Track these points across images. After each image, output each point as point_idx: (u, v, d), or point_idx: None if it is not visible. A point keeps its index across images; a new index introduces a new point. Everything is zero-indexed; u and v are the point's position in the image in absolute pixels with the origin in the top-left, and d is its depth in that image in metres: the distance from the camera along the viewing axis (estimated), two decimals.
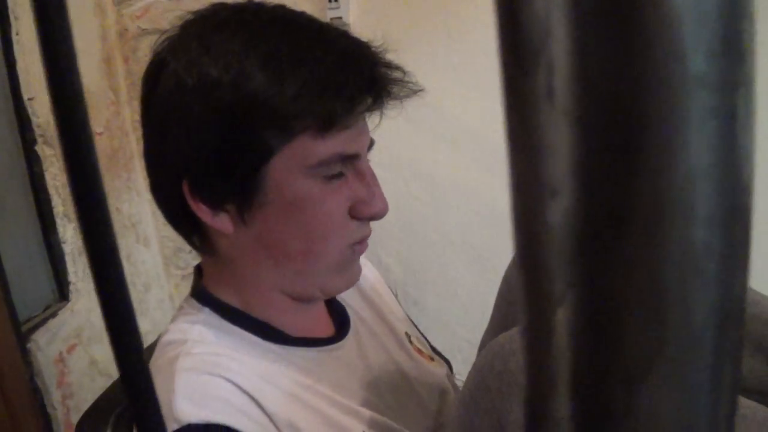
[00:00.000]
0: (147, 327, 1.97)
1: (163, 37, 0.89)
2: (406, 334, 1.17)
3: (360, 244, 0.94)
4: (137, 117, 1.94)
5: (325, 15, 1.88)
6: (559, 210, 0.22)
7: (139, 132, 1.82)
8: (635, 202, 0.22)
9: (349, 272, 0.96)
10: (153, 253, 2.00)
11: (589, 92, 0.21)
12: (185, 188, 0.86)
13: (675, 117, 0.20)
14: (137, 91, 1.47)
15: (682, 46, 0.20)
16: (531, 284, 0.25)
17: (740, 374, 0.27)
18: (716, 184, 0.22)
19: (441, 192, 1.95)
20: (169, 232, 1.99)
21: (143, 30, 1.94)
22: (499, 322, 1.13)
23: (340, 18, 1.89)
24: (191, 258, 2.02)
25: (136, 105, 1.93)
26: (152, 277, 1.98)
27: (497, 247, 1.93)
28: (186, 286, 2.07)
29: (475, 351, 1.23)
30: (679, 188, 0.22)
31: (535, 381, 0.27)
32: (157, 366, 0.88)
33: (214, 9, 0.88)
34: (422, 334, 1.25)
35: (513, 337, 0.84)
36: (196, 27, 0.87)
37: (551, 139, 0.22)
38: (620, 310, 0.23)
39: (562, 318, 0.24)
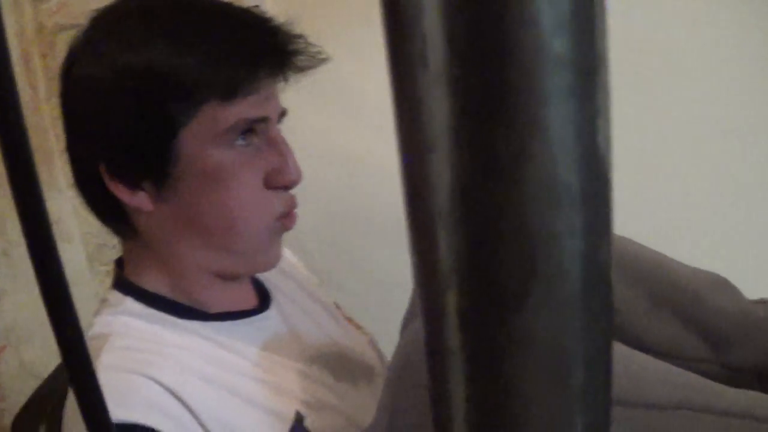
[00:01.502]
0: None
1: (76, 34, 0.92)
2: (335, 303, 1.20)
3: (287, 218, 0.96)
4: (56, 114, 1.92)
5: (243, 1, 1.88)
6: (436, 163, 0.26)
7: (59, 129, 1.80)
8: (500, 155, 0.25)
9: (273, 249, 0.97)
10: (76, 251, 1.98)
11: (458, 60, 0.24)
12: (103, 171, 0.89)
13: (527, 81, 0.24)
14: (55, 87, 1.46)
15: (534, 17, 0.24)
16: (418, 229, 0.29)
17: (612, 302, 0.31)
18: (576, 134, 0.26)
19: (359, 174, 1.96)
20: (92, 228, 1.99)
21: (60, 26, 1.92)
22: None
23: (258, 6, 1.89)
24: (115, 254, 2.00)
25: (55, 102, 1.90)
26: (77, 275, 1.96)
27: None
28: (109, 282, 2.07)
29: (393, 332, 1.26)
30: (539, 140, 0.26)
31: (429, 316, 0.31)
32: None
33: (118, 1, 0.92)
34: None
35: None
36: (102, 20, 0.91)
37: (427, 101, 0.25)
38: (494, 244, 0.27)
39: (445, 255, 0.28)
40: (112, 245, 2.01)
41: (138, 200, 0.90)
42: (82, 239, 2.02)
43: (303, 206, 0.99)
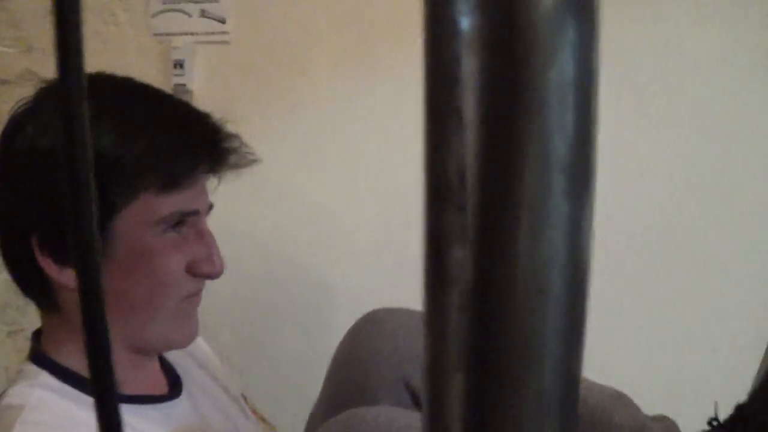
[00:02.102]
0: None
1: (21, 103, 0.94)
2: (242, 395, 1.20)
3: (194, 297, 0.99)
4: None
5: (170, 80, 1.90)
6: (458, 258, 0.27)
7: None
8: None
9: (189, 325, 1.00)
10: None
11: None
12: (34, 243, 0.90)
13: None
14: None
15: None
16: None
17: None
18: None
19: (271, 260, 1.99)
20: None
21: None
22: (329, 399, 1.18)
23: (184, 85, 1.92)
24: (18, 315, 1.96)
25: None
26: None
27: (325, 320, 1.97)
28: (12, 344, 2.00)
29: (299, 424, 1.25)
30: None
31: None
32: None
33: None
34: None
35: (348, 420, 0.92)
36: (50, 95, 0.94)
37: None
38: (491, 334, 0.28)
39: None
40: (15, 306, 1.96)
41: (65, 277, 0.91)
42: None
43: (211, 289, 1.02)
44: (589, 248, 0.30)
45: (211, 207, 1.00)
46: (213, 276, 0.98)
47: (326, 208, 1.93)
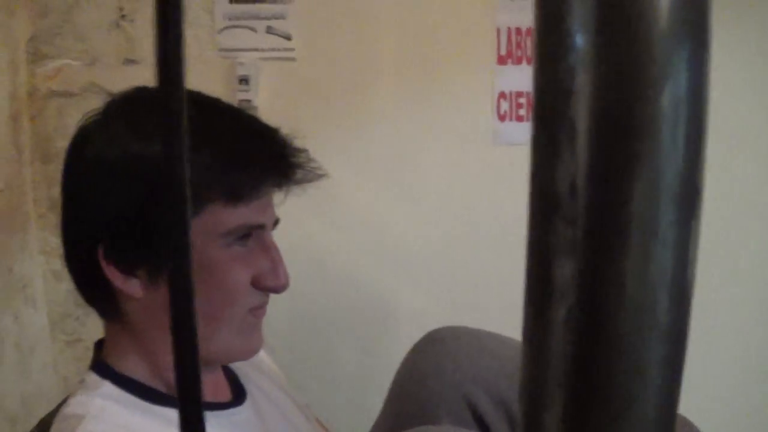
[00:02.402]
0: (31, 390, 1.92)
1: (89, 114, 0.95)
2: (307, 405, 1.20)
3: (259, 309, 0.98)
4: (38, 177, 1.92)
5: (235, 96, 1.93)
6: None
7: (38, 193, 1.79)
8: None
9: (252, 338, 0.99)
10: (40, 316, 1.95)
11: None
12: (100, 253, 0.90)
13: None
14: (41, 151, 1.45)
15: None
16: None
17: None
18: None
19: (331, 278, 1.98)
20: (58, 296, 1.97)
21: (53, 91, 1.94)
22: (391, 416, 1.18)
23: (249, 101, 1.94)
24: (78, 325, 1.99)
25: (38, 166, 1.93)
26: (38, 341, 1.93)
27: (383, 338, 1.97)
28: (71, 353, 2.03)
29: None
30: None
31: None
32: None
33: (137, 92, 0.96)
34: None
35: None
36: (119, 107, 0.94)
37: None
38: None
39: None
40: (75, 316, 1.99)
41: (130, 286, 0.91)
42: (46, 306, 1.99)
43: (271, 305, 1.02)
44: (695, 270, 0.29)
45: (277, 221, 1.01)
46: (278, 290, 0.97)
47: (389, 225, 1.94)
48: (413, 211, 1.93)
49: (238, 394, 1.07)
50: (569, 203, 0.27)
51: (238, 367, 1.11)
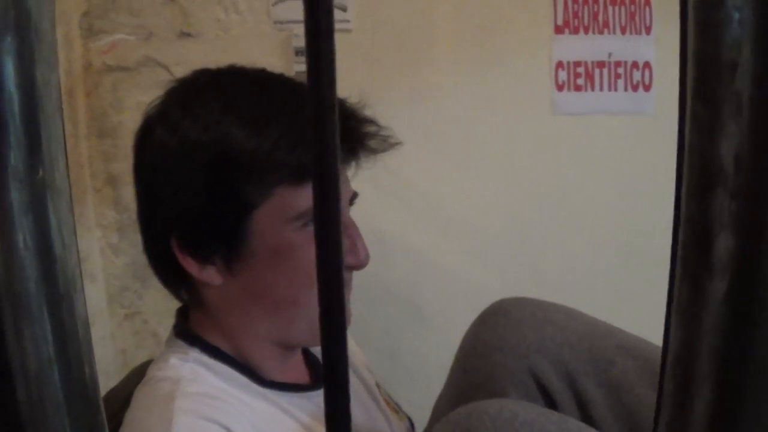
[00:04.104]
0: None
1: (152, 103, 0.94)
2: (377, 384, 1.20)
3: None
4: (94, 152, 1.94)
5: (292, 68, 1.91)
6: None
7: (95, 167, 1.81)
8: None
9: None
10: (98, 290, 1.97)
11: None
12: (174, 245, 0.90)
13: None
14: (97, 126, 1.46)
15: None
16: None
17: None
18: None
19: (390, 251, 1.97)
20: (116, 269, 1.98)
21: (108, 66, 1.94)
22: (455, 388, 1.17)
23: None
24: (136, 298, 2.00)
25: (95, 140, 1.94)
26: (95, 314, 1.95)
27: (443, 309, 1.96)
28: (129, 326, 2.05)
29: (423, 414, 1.25)
30: None
31: None
32: (152, 398, 0.89)
33: (195, 75, 0.95)
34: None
35: (470, 414, 0.90)
36: (178, 93, 0.93)
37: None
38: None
39: None
40: (133, 290, 2.01)
41: (207, 274, 0.92)
42: (104, 280, 2.01)
43: None
44: None
45: (355, 196, 0.99)
46: (358, 267, 0.96)
47: (448, 197, 1.92)
48: (472, 183, 1.91)
49: (318, 378, 1.06)
50: (733, 177, 0.26)
51: (316, 349, 1.10)
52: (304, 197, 0.88)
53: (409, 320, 1.98)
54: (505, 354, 1.12)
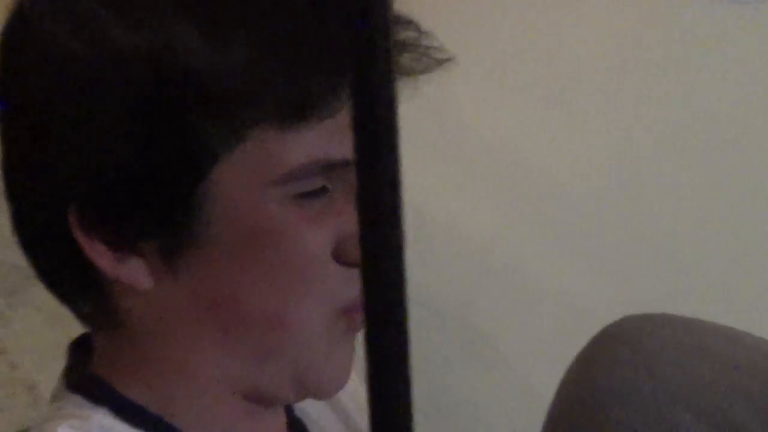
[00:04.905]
0: None
1: None
2: None
3: (355, 312, 0.71)
4: None
5: None
6: None
7: None
8: None
9: (341, 357, 0.74)
10: None
11: None
12: (72, 219, 0.68)
13: None
14: None
15: None
16: None
17: None
18: None
19: (456, 235, 1.69)
20: None
21: None
22: None
23: None
24: None
25: None
26: None
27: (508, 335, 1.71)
28: None
29: None
30: None
31: None
32: None
33: None
34: None
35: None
36: None
37: None
38: None
39: None
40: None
41: (128, 271, 0.69)
42: None
43: None
44: None
45: None
46: None
47: (529, 154, 1.70)
48: (560, 131, 1.61)
49: None
50: None
51: (304, 406, 0.86)
52: (297, 146, 0.68)
53: (459, 349, 1.68)
54: (631, 409, 0.87)
